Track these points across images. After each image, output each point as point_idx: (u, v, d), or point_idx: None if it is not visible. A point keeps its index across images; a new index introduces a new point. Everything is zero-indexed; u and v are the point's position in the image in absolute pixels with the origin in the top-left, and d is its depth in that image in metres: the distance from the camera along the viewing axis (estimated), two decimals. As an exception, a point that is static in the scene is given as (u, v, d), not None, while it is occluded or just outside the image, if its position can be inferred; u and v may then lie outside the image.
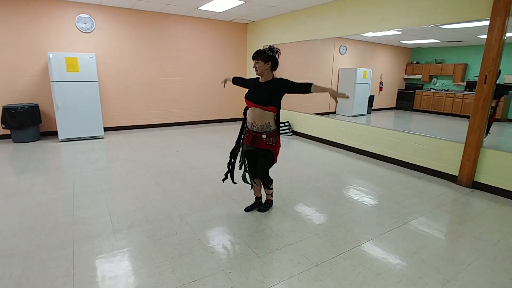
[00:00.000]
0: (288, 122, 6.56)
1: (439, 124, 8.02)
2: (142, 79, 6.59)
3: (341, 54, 7.02)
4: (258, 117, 2.46)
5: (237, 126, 7.02)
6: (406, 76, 10.61)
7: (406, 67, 10.75)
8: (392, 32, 4.68)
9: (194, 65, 7.16)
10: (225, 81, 3.01)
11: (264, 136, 2.47)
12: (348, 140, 5.30)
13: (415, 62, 10.31)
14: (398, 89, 10.77)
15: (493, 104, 3.60)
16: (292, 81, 2.47)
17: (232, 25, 7.48)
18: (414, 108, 10.55)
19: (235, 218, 2.75)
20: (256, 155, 2.64)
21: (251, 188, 2.86)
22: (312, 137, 6.12)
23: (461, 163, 3.78)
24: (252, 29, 7.56)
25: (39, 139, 5.56)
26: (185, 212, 2.82)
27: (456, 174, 3.86)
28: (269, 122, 2.47)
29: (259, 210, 2.88)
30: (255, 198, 2.93)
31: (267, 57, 2.41)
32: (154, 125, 6.99)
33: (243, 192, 3.29)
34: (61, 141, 5.45)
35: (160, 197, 3.15)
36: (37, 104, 5.48)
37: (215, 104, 7.68)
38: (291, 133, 6.54)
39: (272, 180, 2.79)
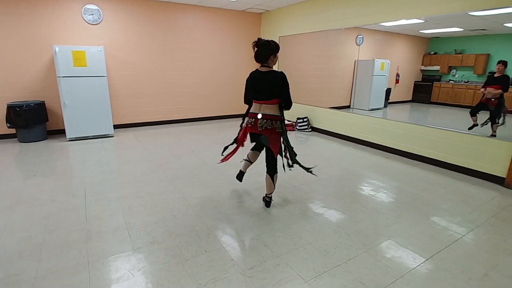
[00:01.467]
0: (306, 117, 6.18)
1: (462, 118, 7.58)
2: (151, 73, 6.24)
3: (358, 45, 6.61)
4: None
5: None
6: (423, 68, 10.11)
7: (423, 58, 10.23)
8: (415, 20, 4.31)
9: (205, 57, 6.78)
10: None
11: None
12: (375, 137, 4.92)
13: (433, 52, 9.78)
14: (415, 81, 10.30)
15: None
16: (285, 88, 2.58)
17: (246, 15, 7.07)
18: (431, 100, 10.09)
19: (269, 230, 2.42)
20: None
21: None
22: (334, 134, 5.74)
23: (511, 164, 3.40)
24: (267, 19, 7.14)
25: (46, 138, 5.28)
26: (211, 224, 2.50)
27: (504, 176, 3.47)
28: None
29: (266, 205, 2.84)
30: (241, 171, 3.13)
31: (277, 50, 2.57)
32: (165, 122, 6.66)
33: (273, 198, 2.96)
34: (69, 140, 5.15)
35: (181, 205, 2.83)
36: (43, 101, 5.17)
37: (228, 99, 7.32)
38: (310, 129, 6.17)
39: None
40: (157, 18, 6.03)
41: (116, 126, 6.09)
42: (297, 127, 6.18)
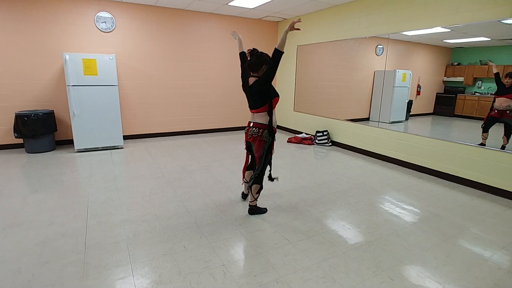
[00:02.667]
0: (327, 131, 5.80)
1: (497, 133, 7.05)
2: (164, 82, 6.02)
3: (377, 55, 6.24)
4: None
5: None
6: (445, 79, 9.64)
7: (446, 68, 9.78)
8: (439, 29, 4.03)
9: (220, 67, 6.53)
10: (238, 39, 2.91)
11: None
12: (404, 154, 4.50)
13: (456, 63, 9.32)
14: (437, 93, 9.82)
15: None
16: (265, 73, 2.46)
17: (262, 24, 6.82)
18: (455, 113, 9.57)
19: (295, 271, 2.03)
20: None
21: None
22: (357, 149, 5.33)
23: None
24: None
25: (54, 149, 5.07)
26: (227, 260, 2.14)
27: None
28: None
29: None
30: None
31: (266, 62, 2.51)
32: (177, 133, 6.40)
33: (294, 227, 2.58)
34: (77, 152, 4.92)
35: (192, 233, 2.48)
36: (53, 110, 4.98)
37: (243, 110, 7.03)
38: (330, 144, 5.78)
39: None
40: (171, 26, 5.83)
41: (126, 137, 5.86)
42: (316, 141, 5.80)
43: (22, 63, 4.84)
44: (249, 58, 2.49)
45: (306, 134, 6.24)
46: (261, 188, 2.72)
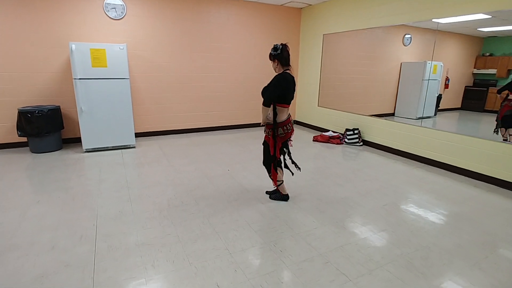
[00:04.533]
0: (358, 129, 5.24)
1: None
2: (179, 75, 5.51)
3: (405, 45, 5.62)
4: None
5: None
6: (475, 71, 8.90)
7: (476, 60, 9.02)
8: (480, 16, 3.73)
9: (239, 58, 5.99)
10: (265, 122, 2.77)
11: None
12: (456, 158, 3.92)
13: (488, 54, 8.55)
14: (465, 86, 9.10)
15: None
16: (269, 85, 2.63)
17: (284, 10, 6.22)
18: (485, 108, 8.85)
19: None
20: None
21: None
22: (393, 150, 4.76)
23: None
24: (308, 15, 6.27)
25: (60, 148, 4.65)
26: (275, 307, 1.65)
27: None
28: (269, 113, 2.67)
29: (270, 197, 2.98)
30: (286, 195, 2.96)
31: (273, 56, 2.60)
32: (193, 130, 5.92)
33: (349, 255, 2.07)
34: (85, 152, 4.49)
35: (225, 264, 1.99)
36: (59, 106, 4.54)
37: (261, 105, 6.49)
38: (361, 143, 5.22)
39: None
40: (185, 13, 5.30)
41: (138, 135, 5.41)
42: (346, 140, 5.24)
43: (25, 54, 4.40)
44: (284, 53, 2.55)
45: (333, 132, 5.69)
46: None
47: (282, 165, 2.82)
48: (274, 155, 2.66)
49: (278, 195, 2.95)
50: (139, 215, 2.62)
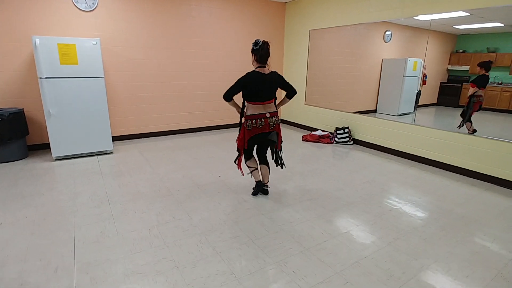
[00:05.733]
0: (348, 127, 5.11)
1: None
2: (158, 73, 5.11)
3: (385, 42, 5.61)
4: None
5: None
6: (450, 67, 9.16)
7: (450, 56, 9.30)
8: (459, 13, 4.05)
9: (222, 54, 5.66)
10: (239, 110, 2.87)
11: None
12: (454, 157, 3.87)
13: (461, 50, 8.81)
14: (441, 82, 9.36)
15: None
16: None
17: (268, 5, 5.96)
18: (460, 104, 9.16)
19: None
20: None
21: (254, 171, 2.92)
22: (386, 149, 4.68)
23: None
24: (293, 10, 6.05)
25: (26, 156, 4.13)
26: None
27: None
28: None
29: (264, 193, 3.01)
30: (258, 182, 2.97)
31: (252, 50, 2.59)
32: (175, 131, 5.54)
33: (368, 272, 1.88)
34: (55, 160, 4.01)
35: (233, 293, 1.73)
36: (22, 109, 4.01)
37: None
38: (351, 142, 5.10)
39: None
40: (165, 6, 4.89)
41: (115, 138, 4.96)
42: (336, 139, 5.10)
43: (-21, 50, 3.83)
44: (261, 51, 2.52)
45: (322, 131, 5.54)
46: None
47: (243, 159, 2.88)
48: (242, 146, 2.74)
49: (255, 188, 3.01)
50: (125, 236, 2.28)
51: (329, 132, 5.46)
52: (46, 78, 3.68)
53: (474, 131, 3.77)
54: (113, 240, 2.22)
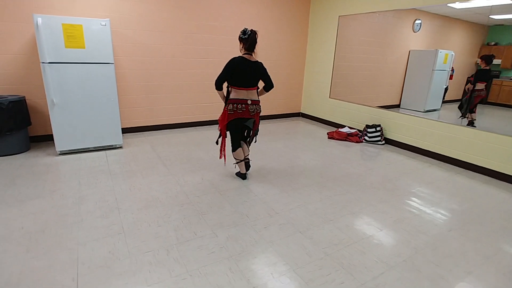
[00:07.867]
0: (380, 125, 4.62)
1: None
2: (173, 60, 4.65)
3: (414, 32, 5.06)
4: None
5: (297, 123, 5.11)
6: (479, 61, 8.49)
7: (480, 49, 8.61)
8: (502, 1, 3.57)
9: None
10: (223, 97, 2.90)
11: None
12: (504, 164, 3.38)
13: (493, 43, 8.12)
14: (468, 78, 8.71)
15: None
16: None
17: (294, -14, 5.41)
18: (488, 101, 8.52)
19: None
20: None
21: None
22: (420, 150, 4.20)
23: None
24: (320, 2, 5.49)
25: (28, 149, 3.76)
26: None
27: None
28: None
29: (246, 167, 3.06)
30: (243, 174, 3.05)
31: (240, 39, 2.73)
32: (190, 124, 5.11)
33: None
34: (59, 154, 3.63)
35: None
36: (23, 97, 3.62)
37: (269, 94, 5.75)
38: (383, 142, 4.62)
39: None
40: (182, -16, 4.39)
41: (125, 130, 4.56)
42: (366, 137, 4.62)
43: (-25, 29, 3.42)
44: (251, 39, 2.66)
45: (350, 128, 5.06)
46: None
47: (231, 149, 2.96)
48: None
49: (238, 173, 3.14)
50: (139, 259, 1.88)
51: (357, 129, 4.97)
52: (49, 63, 3.26)
53: (472, 123, 3.75)
54: (124, 265, 1.82)
